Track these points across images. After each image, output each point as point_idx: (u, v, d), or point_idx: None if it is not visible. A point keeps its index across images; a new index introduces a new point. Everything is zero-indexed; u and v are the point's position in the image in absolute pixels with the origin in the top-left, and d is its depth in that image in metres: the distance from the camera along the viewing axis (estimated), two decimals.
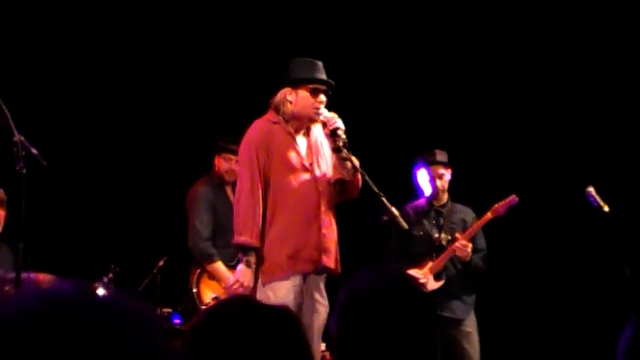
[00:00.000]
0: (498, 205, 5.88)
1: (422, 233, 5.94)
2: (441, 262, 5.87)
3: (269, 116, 4.81)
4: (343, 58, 6.54)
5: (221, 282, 5.79)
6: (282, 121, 4.77)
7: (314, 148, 4.80)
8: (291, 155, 4.72)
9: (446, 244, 5.89)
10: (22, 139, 4.22)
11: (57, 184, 6.54)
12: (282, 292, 4.59)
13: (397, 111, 7.23)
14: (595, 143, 6.99)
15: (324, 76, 4.80)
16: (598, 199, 5.51)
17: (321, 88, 4.77)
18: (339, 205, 4.85)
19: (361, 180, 4.71)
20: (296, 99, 4.75)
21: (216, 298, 5.78)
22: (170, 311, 5.84)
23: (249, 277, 4.66)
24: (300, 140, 4.80)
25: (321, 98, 4.75)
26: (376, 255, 5.95)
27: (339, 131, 4.64)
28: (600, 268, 5.62)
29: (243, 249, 4.70)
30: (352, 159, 4.66)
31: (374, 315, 1.94)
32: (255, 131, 4.77)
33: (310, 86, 4.75)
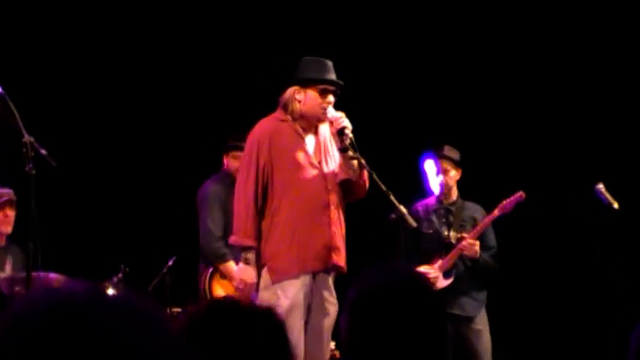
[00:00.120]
0: (506, 202, 5.86)
1: (431, 231, 5.93)
2: (450, 260, 5.86)
3: (276, 114, 4.80)
4: (352, 57, 6.53)
5: (233, 281, 5.78)
6: (290, 120, 4.74)
7: (322, 146, 4.78)
8: (299, 153, 4.70)
9: (455, 241, 5.87)
10: (31, 139, 4.23)
11: (66, 185, 6.56)
12: (291, 292, 4.57)
13: (405, 109, 7.22)
14: (604, 140, 6.98)
15: (333, 76, 4.77)
16: (608, 195, 5.50)
17: (330, 88, 4.74)
18: (346, 204, 4.83)
19: (368, 179, 4.68)
20: (304, 98, 4.73)
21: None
22: (179, 311, 5.84)
23: (250, 273, 4.64)
24: (309, 139, 4.77)
25: (330, 99, 4.72)
26: (385, 253, 5.94)
27: (347, 130, 4.62)
28: (600, 267, 5.61)
29: (242, 247, 4.70)
30: (359, 158, 4.64)
31: (383, 313, 1.93)
32: (259, 129, 4.76)
33: (319, 86, 4.72)
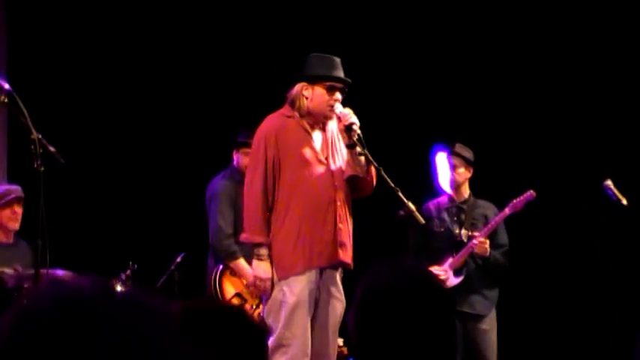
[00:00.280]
0: (516, 200, 5.85)
1: (443, 229, 5.92)
2: (461, 259, 5.84)
3: (284, 110, 4.79)
4: (361, 53, 6.53)
5: (243, 279, 5.77)
6: (297, 116, 4.73)
7: (330, 142, 4.77)
8: (306, 150, 4.68)
9: (466, 240, 5.86)
10: (39, 137, 4.24)
11: (75, 182, 6.57)
12: (297, 288, 4.57)
13: (415, 107, 7.21)
14: (612, 138, 6.95)
15: (341, 73, 4.75)
16: (616, 192, 5.48)
17: (338, 85, 4.72)
18: (354, 200, 4.82)
19: (376, 175, 4.67)
20: (312, 95, 4.71)
21: (239, 295, 5.79)
22: None
23: (264, 269, 4.63)
24: (316, 135, 4.76)
25: (337, 96, 4.70)
26: (393, 250, 5.93)
27: (354, 126, 4.60)
28: (600, 267, 5.60)
29: (253, 244, 4.71)
30: (367, 154, 4.62)
31: (391, 310, 1.93)
32: (266, 125, 4.75)
33: (327, 83, 4.70)
